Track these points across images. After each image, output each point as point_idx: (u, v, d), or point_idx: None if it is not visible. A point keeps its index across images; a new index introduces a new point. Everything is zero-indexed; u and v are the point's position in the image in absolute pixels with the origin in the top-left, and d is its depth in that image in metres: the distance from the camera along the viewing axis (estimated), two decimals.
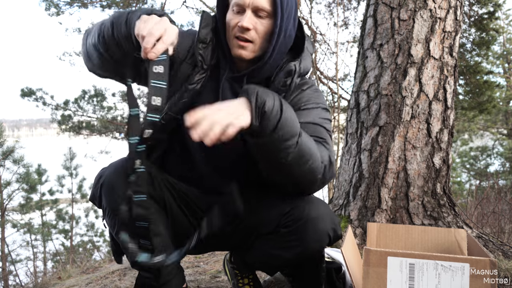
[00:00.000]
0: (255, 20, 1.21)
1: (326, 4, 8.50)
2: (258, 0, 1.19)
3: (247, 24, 1.19)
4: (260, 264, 1.49)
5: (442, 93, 2.28)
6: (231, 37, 1.25)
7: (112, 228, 1.25)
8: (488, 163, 12.78)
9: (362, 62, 2.45)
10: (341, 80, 8.77)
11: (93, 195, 1.28)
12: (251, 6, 1.20)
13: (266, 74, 1.28)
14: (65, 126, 9.59)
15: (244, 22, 1.19)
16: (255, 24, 1.21)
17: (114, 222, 1.23)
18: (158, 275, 1.29)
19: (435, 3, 2.27)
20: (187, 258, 2.55)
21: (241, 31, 1.21)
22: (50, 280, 3.05)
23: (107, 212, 1.23)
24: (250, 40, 1.22)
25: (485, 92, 7.17)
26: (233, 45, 1.24)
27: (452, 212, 2.24)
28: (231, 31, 1.24)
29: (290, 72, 1.27)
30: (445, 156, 2.27)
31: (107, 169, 1.25)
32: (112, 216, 1.22)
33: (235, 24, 1.22)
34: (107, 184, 1.22)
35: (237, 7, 1.22)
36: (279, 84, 1.26)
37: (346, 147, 2.50)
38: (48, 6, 7.76)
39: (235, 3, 1.22)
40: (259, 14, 1.21)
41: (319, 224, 1.22)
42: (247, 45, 1.23)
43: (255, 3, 1.20)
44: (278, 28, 1.22)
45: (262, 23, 1.22)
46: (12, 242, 8.46)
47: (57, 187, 10.29)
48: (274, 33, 1.23)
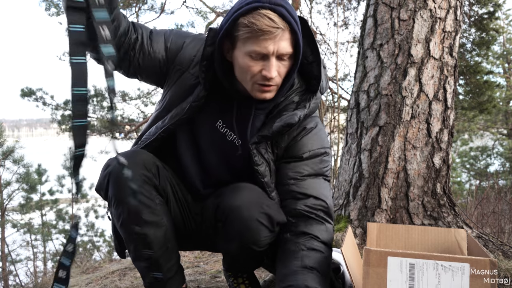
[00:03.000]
0: (278, 64, 1.16)
1: (326, 4, 8.50)
2: (282, 47, 1.12)
3: (275, 74, 1.15)
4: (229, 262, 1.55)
5: (442, 93, 2.28)
6: (249, 82, 1.19)
7: (117, 220, 1.24)
8: (488, 163, 12.78)
9: (362, 62, 2.45)
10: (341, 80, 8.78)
11: (99, 185, 1.26)
12: (275, 54, 1.13)
13: (274, 103, 1.29)
14: (65, 126, 9.58)
15: (272, 73, 1.14)
16: (278, 69, 1.17)
17: (119, 213, 1.22)
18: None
19: (435, 3, 2.27)
20: (187, 258, 2.55)
21: (265, 80, 1.16)
22: (50, 280, 3.05)
23: (113, 202, 1.22)
24: (274, 84, 1.19)
25: (485, 92, 7.17)
26: (254, 89, 1.20)
27: (452, 212, 2.24)
28: (251, 78, 1.18)
29: (290, 125, 1.24)
30: (445, 156, 2.27)
31: (114, 159, 1.22)
32: (118, 206, 1.22)
33: (257, 72, 1.16)
34: (114, 174, 1.20)
35: (258, 54, 1.14)
36: (276, 129, 1.24)
37: (346, 147, 2.50)
38: (48, 6, 7.77)
39: (255, 51, 1.12)
40: (281, 58, 1.16)
41: (243, 212, 1.19)
42: (271, 89, 1.19)
43: (280, 50, 1.13)
44: (296, 66, 1.19)
45: (284, 65, 1.18)
46: (12, 242, 8.47)
47: (57, 187, 10.30)
48: (292, 71, 1.20)
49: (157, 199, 1.25)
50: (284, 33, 1.12)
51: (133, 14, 7.89)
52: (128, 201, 1.17)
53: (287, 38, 1.13)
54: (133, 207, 1.18)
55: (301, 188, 1.26)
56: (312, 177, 1.27)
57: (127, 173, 1.15)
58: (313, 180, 1.27)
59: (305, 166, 1.27)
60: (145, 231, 1.21)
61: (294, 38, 1.15)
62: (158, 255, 1.25)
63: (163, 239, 1.25)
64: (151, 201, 1.22)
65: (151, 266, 1.27)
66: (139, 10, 7.88)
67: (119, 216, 1.22)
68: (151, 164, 1.25)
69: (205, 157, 1.36)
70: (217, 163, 1.36)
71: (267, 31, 1.09)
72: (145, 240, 1.22)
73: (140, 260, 1.27)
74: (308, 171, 1.27)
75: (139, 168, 1.21)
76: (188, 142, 1.37)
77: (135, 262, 1.30)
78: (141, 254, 1.25)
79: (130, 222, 1.20)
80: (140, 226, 1.20)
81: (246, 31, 1.12)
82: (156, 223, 1.23)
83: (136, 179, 1.19)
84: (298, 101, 1.29)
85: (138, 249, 1.24)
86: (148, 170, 1.23)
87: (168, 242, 1.27)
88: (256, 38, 1.11)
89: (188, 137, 1.36)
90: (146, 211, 1.20)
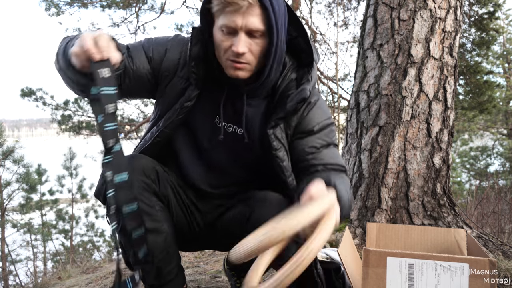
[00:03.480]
0: (249, 41, 1.13)
1: (326, 4, 8.49)
2: (251, 21, 1.10)
3: (243, 49, 1.12)
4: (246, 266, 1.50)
5: (442, 93, 2.28)
6: (223, 58, 1.18)
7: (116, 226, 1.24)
8: (488, 163, 12.78)
9: (362, 62, 2.45)
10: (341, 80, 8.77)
11: (98, 191, 1.27)
12: (244, 28, 1.11)
13: (267, 87, 1.27)
14: (65, 126, 9.58)
15: (239, 47, 1.11)
16: (249, 46, 1.14)
17: (118, 220, 1.21)
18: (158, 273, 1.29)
19: (435, 3, 2.27)
20: (187, 258, 2.55)
21: (235, 56, 1.14)
22: (50, 280, 3.05)
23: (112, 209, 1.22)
24: (246, 62, 1.16)
25: (485, 92, 7.16)
26: (227, 66, 1.18)
27: (452, 212, 2.24)
28: (223, 53, 1.16)
29: (304, 100, 1.25)
30: (445, 156, 2.27)
31: None
32: (116, 212, 1.21)
33: (228, 47, 1.14)
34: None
35: (227, 28, 1.12)
36: (291, 108, 1.24)
37: (346, 147, 2.50)
38: (48, 6, 7.76)
39: (224, 25, 1.12)
40: (252, 34, 1.13)
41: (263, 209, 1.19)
42: (243, 67, 1.17)
43: (248, 25, 1.10)
44: (274, 46, 1.16)
45: (257, 43, 1.15)
46: (12, 242, 8.46)
47: (57, 187, 10.29)
48: (270, 51, 1.17)
49: (157, 205, 1.24)
50: (252, 8, 1.10)
51: (133, 14, 7.89)
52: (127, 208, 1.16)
53: (257, 14, 1.11)
54: (132, 214, 1.17)
55: (319, 160, 1.28)
56: (325, 148, 1.30)
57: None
58: (327, 150, 1.30)
59: (317, 140, 1.29)
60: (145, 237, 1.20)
61: (265, 15, 1.12)
62: (158, 260, 1.25)
63: (163, 245, 1.24)
64: (150, 208, 1.21)
65: (151, 271, 1.27)
66: (139, 10, 7.88)
67: (118, 222, 1.21)
68: (150, 169, 1.24)
69: (211, 157, 1.35)
70: (227, 160, 1.35)
71: (232, 3, 1.09)
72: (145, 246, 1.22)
73: (140, 264, 1.27)
74: (321, 143, 1.29)
75: (138, 174, 1.20)
76: (188, 144, 1.36)
77: (135, 266, 1.29)
78: (141, 259, 1.25)
79: (129, 229, 1.20)
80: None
81: (216, 4, 1.13)
82: (156, 230, 1.22)
83: (135, 186, 1.19)
84: (296, 77, 1.28)
85: (138, 254, 1.24)
86: (147, 176, 1.22)
87: (169, 247, 1.27)
88: (225, 12, 1.11)
89: (188, 139, 1.35)
90: (146, 218, 1.20)
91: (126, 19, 7.87)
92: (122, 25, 7.91)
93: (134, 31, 7.90)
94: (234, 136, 1.31)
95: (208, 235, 1.42)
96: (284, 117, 1.26)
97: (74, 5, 7.82)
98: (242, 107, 1.28)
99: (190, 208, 1.39)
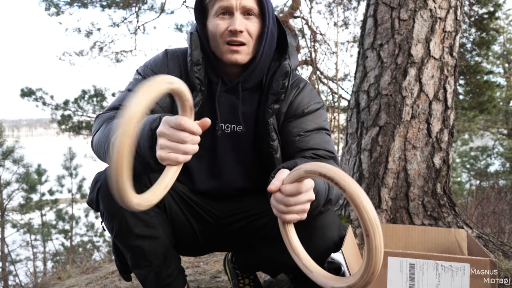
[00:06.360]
0: (244, 21, 1.18)
1: (326, 4, 8.49)
2: (246, 0, 1.16)
3: (240, 27, 1.15)
4: (263, 267, 1.49)
5: (442, 93, 2.28)
6: (220, 44, 1.20)
7: (110, 232, 1.24)
8: (488, 163, 12.78)
9: (362, 62, 2.45)
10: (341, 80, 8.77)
11: (90, 200, 1.26)
12: (239, 7, 1.16)
13: (258, 78, 1.28)
14: (65, 126, 9.59)
15: (237, 24, 1.15)
16: (246, 25, 1.18)
17: (112, 227, 1.21)
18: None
19: (435, 3, 2.27)
20: (187, 258, 2.55)
21: (233, 35, 1.16)
22: (50, 280, 3.05)
23: (105, 216, 1.22)
24: (244, 42, 1.19)
25: (485, 92, 7.16)
26: (225, 52, 1.20)
27: (452, 212, 2.24)
28: (220, 38, 1.19)
29: (287, 73, 1.25)
30: (445, 156, 2.27)
31: (103, 173, 1.22)
32: (110, 220, 1.21)
33: (225, 29, 1.17)
34: (103, 189, 1.19)
35: (223, 10, 1.17)
36: (278, 87, 1.25)
37: (346, 147, 2.50)
38: (48, 6, 7.76)
39: (220, 7, 1.17)
40: (248, 14, 1.18)
41: (327, 232, 1.19)
42: (241, 49, 1.19)
43: (243, 3, 1.16)
44: (267, 27, 1.20)
45: (253, 24, 1.19)
46: (12, 242, 8.46)
47: (57, 187, 10.29)
48: (264, 33, 1.20)
49: (152, 211, 1.23)
50: None
51: (133, 14, 7.89)
52: (120, 216, 1.15)
53: None
54: (125, 222, 1.16)
55: (307, 143, 1.26)
56: (315, 132, 1.28)
57: None
58: (317, 135, 1.28)
59: (307, 122, 1.28)
60: (140, 244, 1.20)
61: None
62: (156, 264, 1.24)
63: (160, 250, 1.24)
64: (145, 214, 1.20)
65: (149, 274, 1.26)
66: (139, 10, 7.88)
67: (112, 229, 1.20)
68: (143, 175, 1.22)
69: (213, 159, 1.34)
70: (228, 162, 1.34)
71: None
72: (141, 252, 1.21)
73: (138, 268, 1.27)
74: (311, 126, 1.28)
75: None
76: None
77: (134, 270, 1.29)
78: (139, 264, 1.25)
79: (124, 235, 1.19)
80: (133, 241, 1.19)
81: None
82: (151, 236, 1.21)
83: None
84: (279, 64, 1.29)
85: (135, 259, 1.24)
86: (141, 184, 1.20)
87: (166, 251, 1.26)
88: None
89: None
90: (140, 225, 1.19)
91: (126, 19, 7.87)
92: (122, 25, 7.92)
93: (134, 31, 7.91)
94: (233, 135, 1.31)
95: (217, 238, 1.40)
96: (277, 101, 1.26)
97: (74, 5, 7.82)
98: (238, 104, 1.29)
99: (199, 213, 1.37)
